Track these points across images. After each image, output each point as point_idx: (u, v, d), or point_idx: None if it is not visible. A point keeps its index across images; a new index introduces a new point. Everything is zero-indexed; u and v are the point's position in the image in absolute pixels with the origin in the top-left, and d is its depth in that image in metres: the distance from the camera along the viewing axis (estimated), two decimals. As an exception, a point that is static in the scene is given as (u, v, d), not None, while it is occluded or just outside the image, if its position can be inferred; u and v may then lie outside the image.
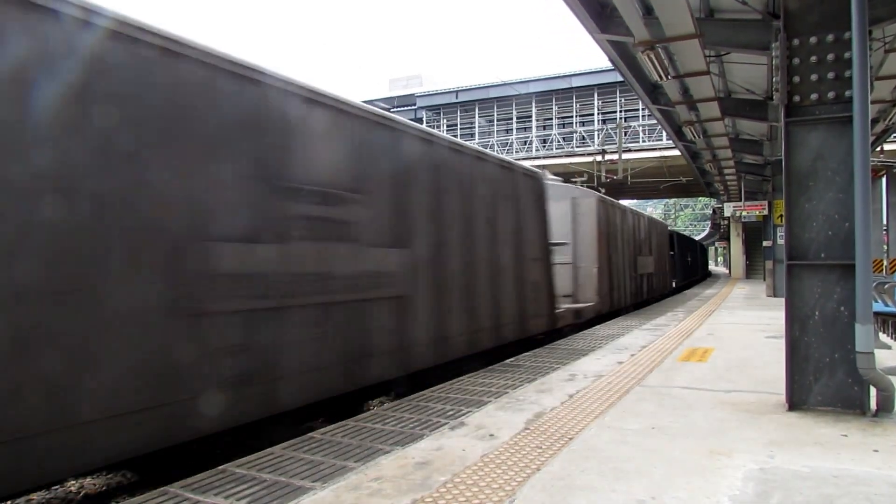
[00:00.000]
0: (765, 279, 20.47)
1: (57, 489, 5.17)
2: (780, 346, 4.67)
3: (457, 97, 33.24)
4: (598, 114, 30.09)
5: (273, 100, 4.57)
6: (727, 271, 47.24)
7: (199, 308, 3.83)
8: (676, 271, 26.87)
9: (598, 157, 26.62)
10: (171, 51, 3.80)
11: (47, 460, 3.10)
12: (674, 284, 25.23)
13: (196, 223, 3.87)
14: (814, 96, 4.41)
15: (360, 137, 5.52)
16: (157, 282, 3.62)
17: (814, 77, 4.41)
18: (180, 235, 3.77)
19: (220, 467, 3.56)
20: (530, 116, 31.38)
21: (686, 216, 78.01)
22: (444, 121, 33.61)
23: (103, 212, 3.38)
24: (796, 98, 4.47)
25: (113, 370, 3.36)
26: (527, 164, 30.94)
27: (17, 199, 3.04)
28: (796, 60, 4.47)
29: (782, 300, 4.62)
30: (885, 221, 22.00)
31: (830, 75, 4.35)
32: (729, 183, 23.17)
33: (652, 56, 8.23)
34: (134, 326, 3.48)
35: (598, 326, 10.95)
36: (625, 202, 54.39)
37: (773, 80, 4.62)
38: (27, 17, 3.09)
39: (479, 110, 32.74)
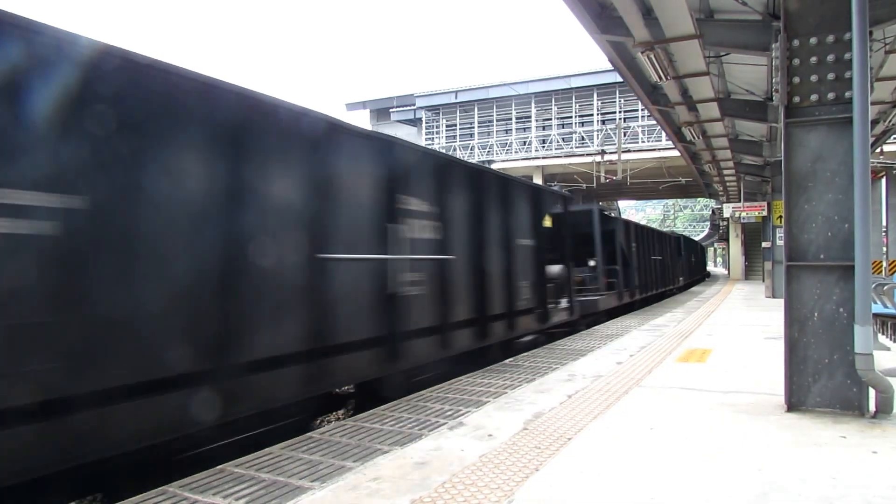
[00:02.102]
0: (764, 280, 20.49)
1: (55, 488, 5.16)
2: (779, 347, 4.67)
3: (456, 97, 33.16)
4: (598, 114, 30.05)
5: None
6: (726, 272, 47.26)
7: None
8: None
9: (598, 158, 26.62)
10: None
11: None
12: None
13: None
14: (814, 97, 4.40)
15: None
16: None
17: (814, 78, 4.41)
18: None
19: (219, 467, 3.56)
20: (530, 117, 31.36)
21: (685, 217, 77.95)
22: (444, 121, 33.57)
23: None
24: (796, 99, 4.47)
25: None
26: (526, 164, 30.12)
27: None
28: (796, 61, 4.47)
29: (781, 301, 4.62)
30: (884, 223, 22.03)
31: (830, 76, 4.35)
32: (728, 184, 23.18)
33: (651, 56, 8.23)
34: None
35: (598, 326, 10.94)
36: (623, 203, 49.86)
37: (773, 80, 4.62)
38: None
39: (478, 110, 32.71)
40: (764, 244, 21.11)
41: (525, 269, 8.59)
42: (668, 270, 23.08)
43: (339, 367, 5.05)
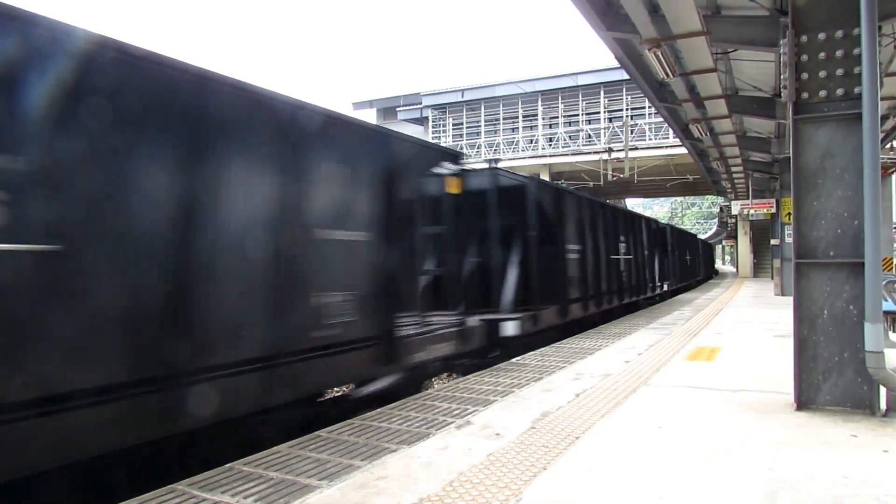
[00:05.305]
0: (772, 278, 20.36)
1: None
2: (788, 345, 4.64)
3: (462, 96, 33.15)
4: (605, 112, 29.96)
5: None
6: (734, 270, 46.98)
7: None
8: None
9: (605, 156, 26.51)
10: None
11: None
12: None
13: None
14: (822, 93, 4.37)
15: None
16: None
17: (822, 74, 4.37)
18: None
19: (227, 465, 3.57)
20: (536, 115, 31.29)
21: (693, 214, 77.64)
22: (450, 119, 33.56)
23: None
24: (805, 95, 4.44)
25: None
26: (533, 162, 29.34)
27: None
28: (804, 57, 4.43)
29: (790, 299, 4.59)
30: (894, 219, 21.82)
31: (839, 72, 4.31)
32: (736, 181, 23.04)
33: (658, 54, 8.19)
34: None
35: (605, 325, 10.92)
36: (631, 201, 48.10)
37: (781, 77, 4.61)
38: None
39: (484, 109, 32.67)
40: (772, 241, 20.97)
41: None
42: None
43: None
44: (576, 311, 10.36)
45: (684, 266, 24.44)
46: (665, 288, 18.83)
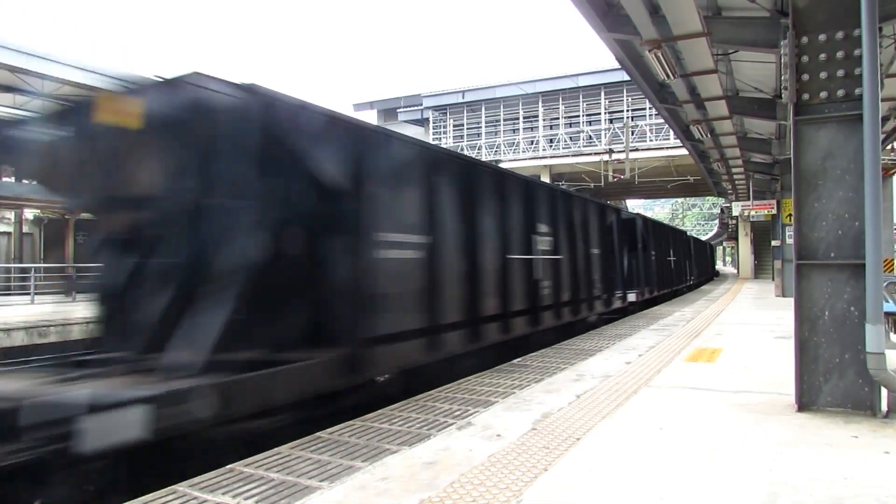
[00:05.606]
0: (773, 279, 20.35)
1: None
2: (789, 346, 4.63)
3: (463, 97, 33.17)
4: (605, 113, 29.97)
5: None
6: (735, 271, 46.98)
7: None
8: None
9: (605, 157, 26.53)
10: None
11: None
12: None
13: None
14: (823, 94, 4.37)
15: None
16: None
17: (823, 75, 4.37)
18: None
19: (228, 466, 3.58)
20: (537, 116, 31.30)
21: (694, 215, 77.66)
22: (451, 121, 33.57)
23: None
24: (805, 96, 4.44)
25: None
26: (534, 164, 29.18)
27: None
28: (805, 58, 4.44)
29: (791, 300, 4.59)
30: (895, 221, 21.81)
31: (840, 73, 4.31)
32: (737, 182, 23.04)
33: (659, 55, 8.20)
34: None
35: (606, 326, 10.92)
36: (632, 202, 47.84)
37: (782, 78, 4.59)
38: None
39: (485, 110, 32.69)
40: (773, 243, 20.99)
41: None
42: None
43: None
44: (398, 355, 5.68)
45: (665, 269, 18.89)
46: (633, 298, 14.32)
